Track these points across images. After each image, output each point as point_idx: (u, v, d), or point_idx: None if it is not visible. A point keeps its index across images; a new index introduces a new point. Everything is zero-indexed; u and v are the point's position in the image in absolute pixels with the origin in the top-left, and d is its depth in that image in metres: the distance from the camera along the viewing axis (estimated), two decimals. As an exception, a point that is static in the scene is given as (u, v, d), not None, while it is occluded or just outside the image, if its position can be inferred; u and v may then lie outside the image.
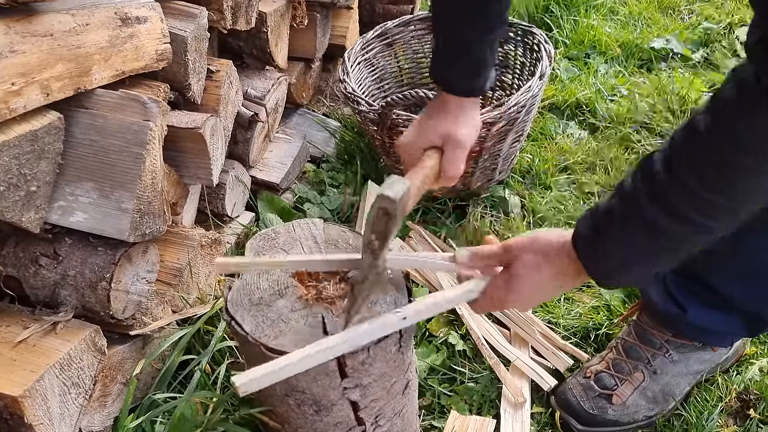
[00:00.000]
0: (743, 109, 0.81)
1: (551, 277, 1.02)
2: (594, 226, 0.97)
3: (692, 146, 0.87)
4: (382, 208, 0.94)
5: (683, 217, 0.88)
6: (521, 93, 1.82)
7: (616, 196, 0.96)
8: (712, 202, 0.87)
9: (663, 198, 0.89)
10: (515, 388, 1.47)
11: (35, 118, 1.06)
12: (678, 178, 0.87)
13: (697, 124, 0.86)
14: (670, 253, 0.95)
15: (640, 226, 0.92)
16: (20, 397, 1.05)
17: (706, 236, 0.92)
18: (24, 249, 1.24)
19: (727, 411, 1.44)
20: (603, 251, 0.97)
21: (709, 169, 0.85)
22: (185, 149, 1.44)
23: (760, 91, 0.78)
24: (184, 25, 1.40)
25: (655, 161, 0.90)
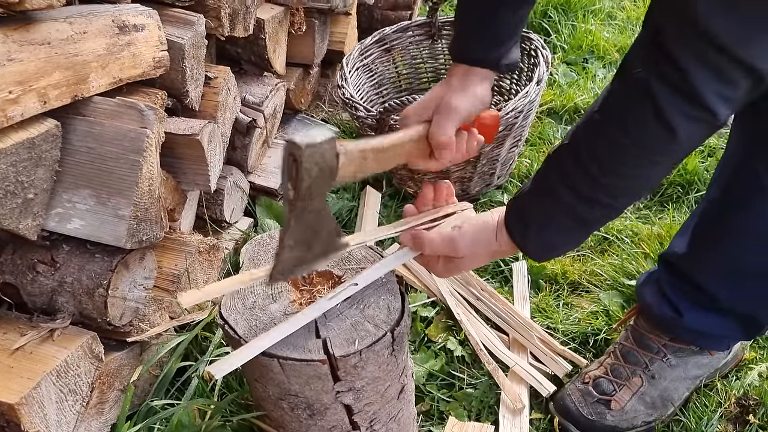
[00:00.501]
0: (630, 105, 0.92)
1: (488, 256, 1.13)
2: (519, 215, 1.08)
3: (591, 137, 0.98)
4: (290, 153, 0.91)
5: (593, 201, 1.00)
6: (518, 98, 1.82)
7: (535, 184, 1.07)
8: (614, 186, 0.98)
9: (572, 185, 0.99)
10: (514, 394, 1.47)
11: (32, 125, 1.06)
12: (581, 166, 0.98)
13: (593, 118, 0.97)
14: (589, 228, 1.07)
15: (559, 211, 1.03)
16: (17, 404, 1.05)
17: (615, 212, 1.05)
18: (21, 256, 1.24)
19: (726, 416, 1.44)
20: (533, 237, 1.07)
21: (605, 157, 0.96)
22: (183, 156, 1.44)
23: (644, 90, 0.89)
24: (182, 32, 1.41)
25: (563, 151, 1.02)
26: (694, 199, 2.03)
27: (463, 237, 1.10)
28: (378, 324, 1.06)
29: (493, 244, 1.10)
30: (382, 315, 1.08)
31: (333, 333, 1.04)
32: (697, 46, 0.83)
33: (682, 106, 0.87)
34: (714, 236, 1.32)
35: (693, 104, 0.87)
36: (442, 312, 1.71)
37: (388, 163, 1.10)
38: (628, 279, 1.76)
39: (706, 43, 0.82)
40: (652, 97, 0.88)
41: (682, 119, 0.88)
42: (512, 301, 1.74)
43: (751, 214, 1.22)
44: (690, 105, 0.87)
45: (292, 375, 1.02)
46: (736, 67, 0.84)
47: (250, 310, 1.09)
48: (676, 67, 0.85)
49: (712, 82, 0.85)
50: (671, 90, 0.87)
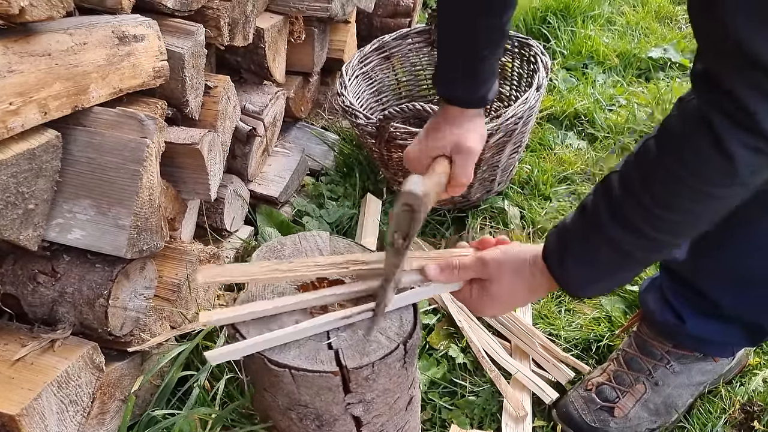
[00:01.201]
0: (687, 134, 0.88)
1: (525, 291, 1.09)
2: (561, 243, 1.04)
3: (645, 167, 0.94)
4: (407, 204, 0.95)
5: (640, 233, 0.95)
6: (518, 104, 1.82)
7: (580, 214, 1.04)
8: (665, 219, 0.94)
9: (621, 215, 0.96)
10: (516, 402, 1.47)
11: (33, 136, 1.06)
12: (633, 196, 0.94)
13: (649, 147, 0.94)
14: (633, 265, 1.03)
15: (602, 242, 0.99)
16: (18, 415, 1.05)
17: (664, 249, 1.00)
18: (22, 267, 1.24)
19: (731, 423, 1.43)
20: (571, 267, 1.04)
21: (659, 187, 0.92)
22: (183, 165, 1.44)
23: (701, 118, 0.86)
24: (182, 42, 1.41)
25: (613, 180, 0.98)
26: (695, 204, 2.02)
27: (493, 256, 1.08)
28: (390, 336, 1.05)
29: (527, 272, 1.07)
30: (394, 327, 1.07)
31: (345, 344, 1.04)
32: (747, 72, 0.80)
33: (741, 135, 0.84)
34: (715, 243, 1.31)
35: (751, 133, 0.83)
36: (443, 319, 1.70)
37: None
38: (630, 285, 1.75)
39: (755, 68, 0.79)
40: (709, 125, 0.85)
41: (740, 148, 0.84)
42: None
43: (751, 221, 1.22)
44: (748, 134, 0.83)
45: (303, 386, 1.02)
46: None
47: (261, 318, 1.08)
48: (734, 100, 0.82)
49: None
50: (728, 119, 0.84)
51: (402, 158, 1.92)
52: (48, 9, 1.03)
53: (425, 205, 0.97)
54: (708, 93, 0.86)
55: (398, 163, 1.95)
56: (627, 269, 1.04)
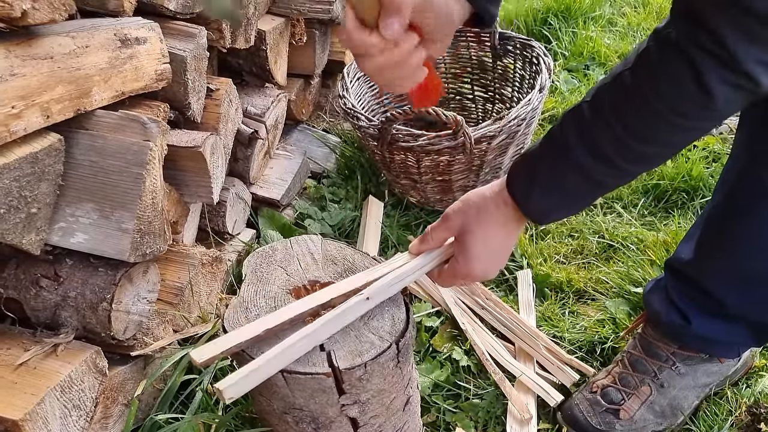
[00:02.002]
0: (665, 67, 0.89)
1: (496, 229, 1.08)
2: (527, 172, 1.04)
3: (619, 98, 0.94)
4: None
5: (611, 162, 0.96)
6: (521, 106, 1.82)
7: (546, 142, 1.03)
8: (638, 150, 0.95)
9: (591, 142, 0.96)
10: (521, 404, 1.46)
11: (35, 140, 1.06)
12: (605, 125, 0.94)
13: (623, 78, 0.93)
14: (598, 190, 1.05)
15: (569, 168, 0.99)
16: (21, 420, 1.04)
17: (629, 178, 1.03)
18: (25, 271, 1.23)
19: (737, 425, 1.43)
20: (538, 196, 1.04)
21: (634, 119, 0.93)
22: (185, 168, 1.44)
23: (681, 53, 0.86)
24: (184, 44, 1.41)
25: (584, 109, 0.97)
26: (700, 205, 2.02)
27: (454, 206, 1.09)
28: (382, 335, 1.05)
29: (490, 209, 1.06)
30: (386, 326, 1.07)
31: (337, 345, 1.03)
32: (738, 16, 0.81)
33: (723, 72, 0.85)
34: (719, 242, 1.31)
35: (733, 71, 0.84)
36: (446, 322, 1.70)
37: None
38: (634, 286, 1.75)
39: (746, 13, 0.80)
40: (690, 60, 0.86)
41: (721, 85, 0.86)
42: (517, 309, 1.73)
43: (755, 220, 1.22)
44: (730, 71, 0.85)
45: (297, 389, 1.01)
46: None
47: None
48: (713, 35, 0.83)
49: (752, 49, 0.83)
50: (711, 57, 0.84)
51: (403, 160, 1.92)
52: (50, 12, 1.02)
53: None
54: (690, 29, 0.86)
55: (400, 166, 1.95)
56: (593, 195, 1.06)
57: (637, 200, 2.08)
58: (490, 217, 1.08)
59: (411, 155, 1.88)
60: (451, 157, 1.86)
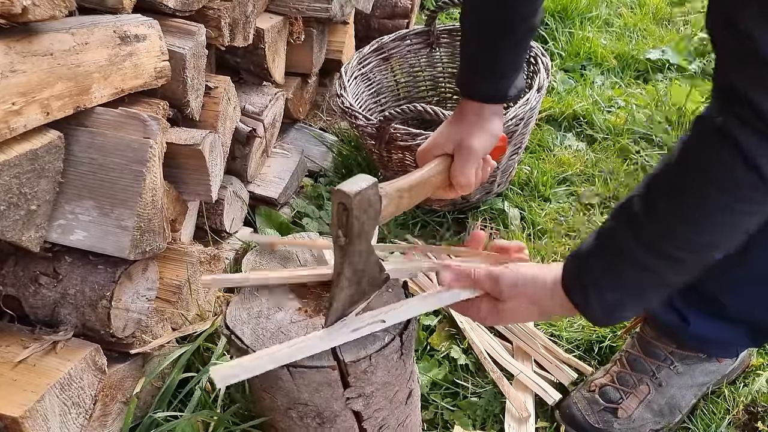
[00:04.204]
0: (711, 152, 0.86)
1: (538, 315, 1.07)
2: (581, 275, 1.00)
3: (670, 189, 0.91)
4: (340, 203, 0.97)
5: (669, 257, 0.93)
6: (519, 106, 1.82)
7: (599, 240, 0.99)
8: (697, 241, 0.91)
9: (646, 237, 0.93)
10: (519, 403, 1.46)
11: (35, 137, 1.05)
12: (658, 217, 0.92)
13: (671, 168, 0.92)
14: (660, 288, 0.99)
15: (627, 267, 0.96)
16: (20, 417, 1.04)
17: (693, 270, 0.96)
18: (24, 268, 1.23)
19: (734, 424, 1.43)
20: (596, 298, 0.99)
21: (688, 210, 0.89)
22: (184, 166, 1.44)
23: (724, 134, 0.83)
24: (183, 42, 1.40)
25: (635, 205, 0.94)
26: (695, 205, 2.02)
27: (508, 277, 1.04)
28: (386, 328, 1.06)
29: (545, 299, 1.03)
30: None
31: None
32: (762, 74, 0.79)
33: (766, 146, 0.82)
34: None
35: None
36: (444, 320, 1.70)
37: (419, 198, 1.16)
38: (631, 285, 1.75)
39: None
40: (734, 142, 0.83)
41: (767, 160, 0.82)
42: (515, 308, 1.73)
43: None
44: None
45: (302, 383, 1.02)
46: None
47: (256, 319, 1.09)
48: (755, 110, 0.81)
49: None
50: (754, 132, 0.82)
51: (401, 159, 1.92)
52: (50, 8, 1.02)
53: (365, 204, 0.98)
54: (728, 106, 0.84)
55: (398, 164, 1.95)
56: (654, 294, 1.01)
57: (634, 200, 2.08)
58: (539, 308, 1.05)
59: (409, 154, 1.88)
60: (449, 156, 1.86)
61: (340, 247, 1.00)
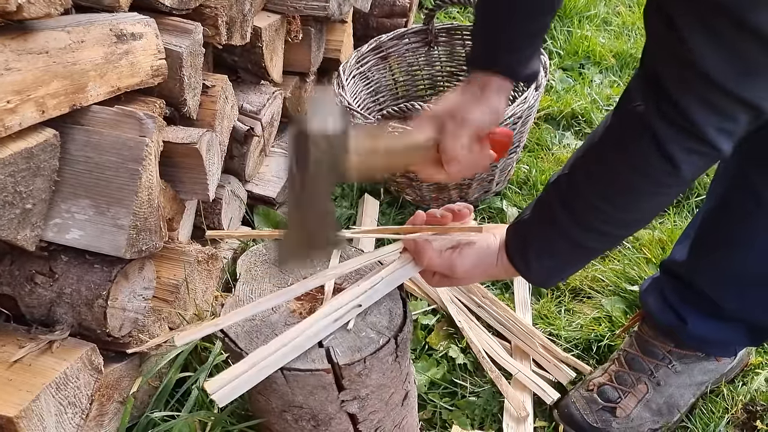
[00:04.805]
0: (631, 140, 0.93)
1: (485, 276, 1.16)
2: (521, 243, 1.09)
3: (593, 170, 0.99)
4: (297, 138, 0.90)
5: (595, 230, 1.01)
6: (517, 104, 1.82)
7: (537, 212, 1.08)
8: (617, 217, 1.00)
9: (575, 215, 1.01)
10: (517, 402, 1.46)
11: (31, 135, 1.05)
12: (584, 198, 1.00)
13: (594, 151, 1.00)
14: (588, 254, 1.10)
15: (560, 240, 1.04)
16: (16, 417, 1.04)
17: (615, 240, 1.10)
18: (19, 267, 1.22)
19: (733, 423, 1.43)
20: (535, 263, 1.09)
21: (609, 191, 0.98)
22: (181, 165, 1.43)
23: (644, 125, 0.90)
24: (180, 40, 1.40)
25: (562, 183, 1.03)
26: (695, 204, 2.03)
27: (463, 261, 1.11)
28: (381, 330, 1.05)
29: (492, 267, 1.12)
30: (384, 321, 1.07)
31: (336, 341, 1.03)
32: (697, 86, 0.84)
33: (684, 141, 0.88)
34: (714, 245, 1.31)
35: (695, 139, 0.88)
36: (443, 320, 1.70)
37: (397, 164, 1.11)
38: (631, 284, 1.75)
39: (706, 84, 0.83)
40: (652, 132, 0.89)
41: (683, 153, 0.89)
42: (514, 308, 1.73)
43: (748, 226, 1.22)
44: (692, 140, 0.88)
45: (296, 386, 1.01)
46: (737, 106, 0.85)
47: (250, 322, 1.08)
48: (675, 106, 0.86)
49: (712, 118, 0.86)
50: (672, 126, 0.88)
51: (400, 158, 1.91)
52: (46, 6, 1.01)
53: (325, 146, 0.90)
54: (652, 96, 0.89)
55: (396, 163, 1.94)
56: (585, 259, 1.12)
57: (633, 199, 2.08)
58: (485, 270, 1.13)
59: (407, 153, 1.88)
60: (447, 154, 1.85)
61: (294, 190, 0.95)
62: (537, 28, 1.17)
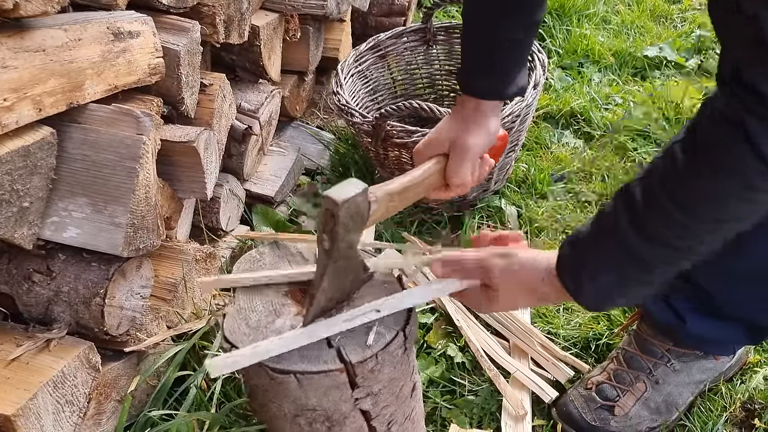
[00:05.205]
0: (719, 140, 0.83)
1: (533, 300, 1.06)
2: (577, 258, 0.99)
3: (673, 177, 0.89)
4: (327, 208, 0.96)
5: (667, 245, 0.90)
6: (516, 102, 1.82)
7: (596, 226, 0.98)
8: (696, 228, 0.89)
9: (646, 228, 0.90)
10: (516, 401, 1.46)
11: (28, 133, 1.05)
12: (659, 208, 0.89)
13: (675, 155, 0.88)
14: (656, 277, 0.96)
15: (623, 256, 0.93)
16: (13, 416, 1.04)
17: (690, 259, 0.93)
18: (17, 266, 1.22)
19: (731, 421, 1.43)
20: (589, 283, 0.98)
21: (691, 198, 0.87)
22: (179, 163, 1.43)
23: (734, 123, 0.81)
24: (177, 39, 1.40)
25: (635, 192, 0.91)
26: (693, 203, 2.02)
27: (499, 265, 1.03)
28: (388, 325, 1.05)
29: (537, 285, 1.02)
30: (390, 316, 1.07)
31: (345, 341, 1.03)
32: None
33: None
34: None
35: None
36: (441, 318, 1.70)
37: (411, 200, 1.14)
38: (629, 283, 1.74)
39: None
40: (743, 130, 0.80)
41: None
42: (512, 306, 1.73)
43: None
44: None
45: (310, 389, 1.00)
46: None
47: (255, 329, 1.05)
48: (758, 94, 0.78)
49: None
50: (762, 121, 0.79)
51: (398, 157, 1.92)
52: (42, 4, 1.02)
53: (351, 210, 0.96)
54: (733, 92, 0.81)
55: (394, 162, 1.94)
56: (649, 283, 0.97)
57: (632, 197, 2.08)
58: (532, 293, 1.04)
59: (405, 152, 1.88)
60: (445, 153, 1.85)
61: (324, 251, 1.00)
62: (523, 48, 1.22)
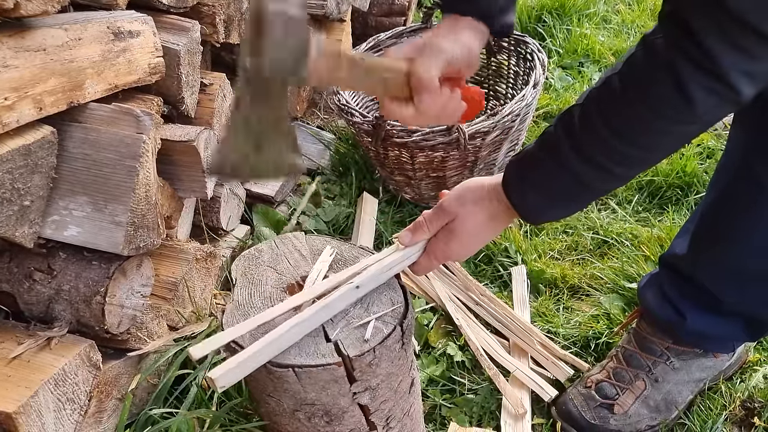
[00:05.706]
0: (651, 75, 0.91)
1: (486, 221, 1.12)
2: (520, 172, 1.07)
3: (607, 103, 0.97)
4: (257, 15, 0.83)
5: (600, 166, 0.99)
6: (515, 102, 1.82)
7: (540, 144, 1.06)
8: (625, 153, 0.97)
9: (581, 149, 0.99)
10: (515, 399, 1.46)
11: (28, 132, 1.06)
12: (594, 131, 0.97)
13: (612, 83, 0.96)
14: (589, 195, 1.08)
15: (560, 172, 1.02)
16: (14, 413, 1.04)
17: (619, 182, 1.05)
18: (18, 264, 1.23)
19: (731, 419, 1.43)
20: (529, 195, 1.07)
21: (622, 125, 0.96)
22: (179, 162, 1.43)
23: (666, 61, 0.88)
24: (177, 38, 1.40)
25: (574, 114, 1.00)
26: (694, 201, 2.03)
27: (452, 194, 1.11)
28: (385, 320, 1.06)
29: (485, 202, 1.10)
30: (387, 310, 1.08)
31: (343, 334, 1.04)
32: (723, 24, 0.82)
33: (704, 80, 0.86)
34: (714, 238, 1.31)
35: (715, 80, 0.86)
36: (441, 317, 1.70)
37: (362, 82, 1.02)
38: (629, 282, 1.75)
39: (732, 22, 0.82)
40: (673, 69, 0.87)
41: (702, 92, 0.87)
42: (512, 305, 1.73)
43: (752, 216, 1.21)
44: (712, 79, 0.86)
45: (308, 383, 1.01)
46: (763, 45, 0.83)
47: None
48: (699, 45, 0.84)
49: (736, 59, 0.84)
50: (693, 65, 0.86)
51: (398, 156, 1.92)
52: (43, 4, 1.02)
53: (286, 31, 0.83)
54: (675, 36, 0.88)
55: (395, 162, 1.95)
56: (583, 198, 1.09)
57: (632, 197, 2.08)
58: (484, 209, 1.10)
59: (405, 151, 1.88)
60: (445, 153, 1.86)
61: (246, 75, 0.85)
62: None
